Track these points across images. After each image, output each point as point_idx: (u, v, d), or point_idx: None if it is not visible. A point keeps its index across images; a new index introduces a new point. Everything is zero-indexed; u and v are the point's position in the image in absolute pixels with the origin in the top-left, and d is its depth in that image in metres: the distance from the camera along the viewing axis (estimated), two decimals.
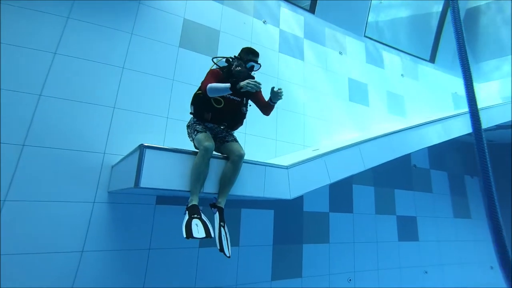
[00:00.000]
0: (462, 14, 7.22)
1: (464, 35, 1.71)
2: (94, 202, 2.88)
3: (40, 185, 2.69)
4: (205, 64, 3.58)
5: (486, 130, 4.64)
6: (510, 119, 4.76)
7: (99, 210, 2.87)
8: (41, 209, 2.65)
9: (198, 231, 1.85)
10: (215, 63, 2.41)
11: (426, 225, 5.47)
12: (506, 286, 1.42)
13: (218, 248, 2.01)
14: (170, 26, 3.71)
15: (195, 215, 1.93)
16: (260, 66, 2.37)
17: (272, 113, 2.49)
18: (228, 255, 2.01)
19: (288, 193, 2.41)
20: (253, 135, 3.79)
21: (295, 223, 4.02)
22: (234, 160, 2.15)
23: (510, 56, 7.13)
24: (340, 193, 4.49)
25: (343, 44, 5.31)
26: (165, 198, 3.15)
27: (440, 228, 5.67)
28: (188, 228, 1.86)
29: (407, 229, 5.20)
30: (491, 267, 6.10)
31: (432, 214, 5.65)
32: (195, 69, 3.64)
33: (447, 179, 6.25)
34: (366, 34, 5.77)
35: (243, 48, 2.42)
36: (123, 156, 2.96)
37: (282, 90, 2.24)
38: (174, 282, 3.04)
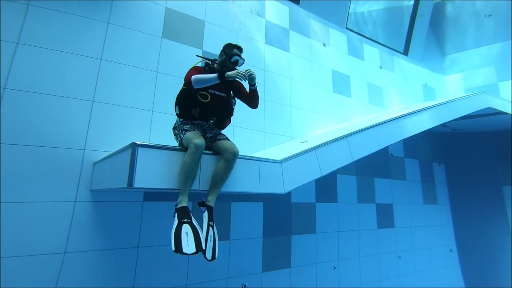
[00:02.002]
0: (430, 8, 7.56)
1: None
2: (75, 201, 2.74)
3: (15, 185, 2.50)
4: (191, 56, 3.47)
5: (453, 120, 4.95)
6: (474, 110, 5.11)
7: (82, 209, 2.74)
8: (18, 211, 2.48)
9: (188, 243, 1.78)
10: (205, 59, 2.39)
11: (401, 212, 5.80)
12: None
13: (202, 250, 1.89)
14: (151, 16, 3.50)
15: (185, 220, 1.86)
16: (244, 60, 2.35)
17: (259, 105, 2.46)
18: (209, 258, 1.92)
19: (282, 187, 2.42)
20: (241, 127, 3.75)
21: (283, 215, 4.09)
22: (228, 158, 2.08)
23: (473, 49, 7.64)
24: (326, 183, 4.62)
25: (327, 36, 5.36)
26: (154, 194, 3.06)
27: (412, 215, 6.04)
28: (178, 238, 1.78)
29: (385, 217, 5.49)
30: (451, 250, 6.67)
31: (406, 201, 6.00)
32: (180, 61, 3.48)
33: (418, 166, 6.63)
34: (347, 26, 5.86)
35: (226, 44, 2.40)
36: (105, 152, 2.84)
37: (250, 69, 2.18)
38: (166, 279, 3.00)
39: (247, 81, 2.21)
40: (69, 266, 2.59)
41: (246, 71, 2.15)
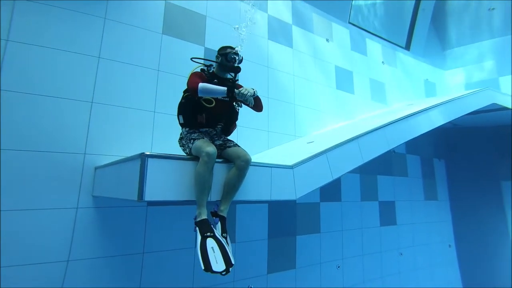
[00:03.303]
0: (432, 1, 7.42)
1: None
2: (77, 208, 2.63)
3: (13, 193, 2.38)
4: (193, 54, 3.31)
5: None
6: (480, 107, 5.07)
7: (84, 216, 2.64)
8: (18, 218, 2.37)
9: (216, 260, 1.71)
10: (201, 63, 2.29)
11: (403, 209, 5.80)
12: None
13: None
14: (150, 11, 3.32)
15: (208, 233, 1.79)
16: (242, 58, 2.29)
17: (263, 103, 2.35)
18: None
19: (294, 193, 2.35)
20: (245, 127, 3.64)
21: (288, 215, 4.04)
22: (240, 165, 2.00)
23: (474, 44, 7.57)
24: (330, 182, 4.57)
25: (330, 31, 5.22)
26: None
27: (413, 211, 6.05)
28: (205, 255, 1.70)
29: (387, 214, 5.48)
30: (449, 246, 6.74)
31: (408, 198, 6.00)
32: (182, 59, 3.33)
33: (420, 162, 6.62)
34: (350, 21, 5.72)
35: (220, 47, 2.34)
36: (106, 156, 2.74)
37: (243, 91, 2.01)
38: (171, 284, 2.94)
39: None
40: (72, 275, 2.51)
41: (244, 92, 2.02)
